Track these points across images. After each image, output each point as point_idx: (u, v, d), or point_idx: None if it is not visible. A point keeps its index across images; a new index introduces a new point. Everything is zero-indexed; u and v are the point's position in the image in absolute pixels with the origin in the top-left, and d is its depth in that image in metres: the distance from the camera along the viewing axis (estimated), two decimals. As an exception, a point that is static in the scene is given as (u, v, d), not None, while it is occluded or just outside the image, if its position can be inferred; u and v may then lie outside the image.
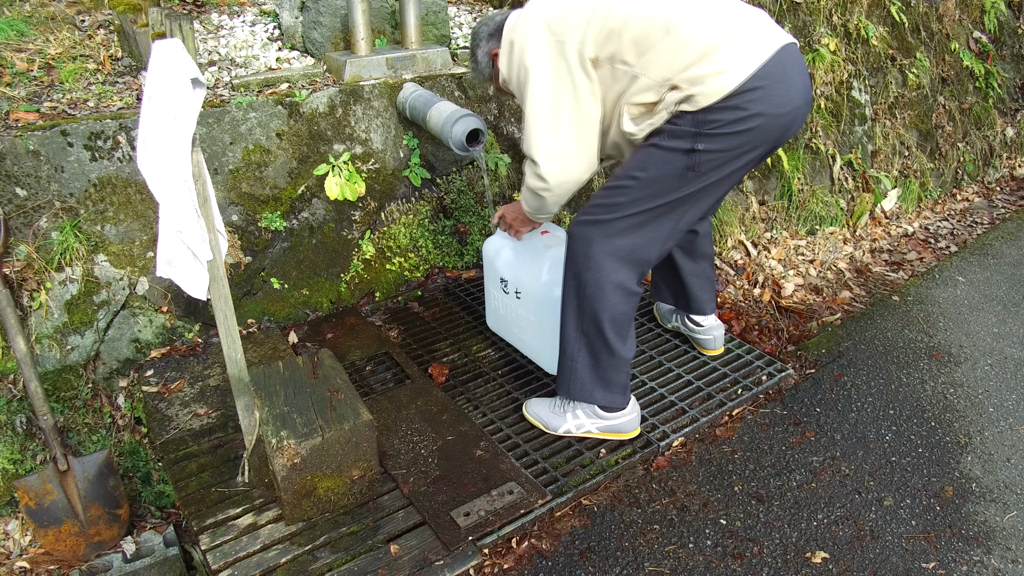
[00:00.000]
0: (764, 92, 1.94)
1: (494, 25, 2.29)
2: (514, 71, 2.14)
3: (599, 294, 2.11)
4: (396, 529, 2.05)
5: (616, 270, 2.09)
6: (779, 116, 1.99)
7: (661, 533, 2.08)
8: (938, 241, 4.29)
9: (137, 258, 2.66)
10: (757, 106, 1.94)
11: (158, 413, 2.46)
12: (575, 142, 2.10)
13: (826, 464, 2.32)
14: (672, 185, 2.03)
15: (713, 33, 1.93)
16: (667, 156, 2.00)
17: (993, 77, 5.39)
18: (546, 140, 2.09)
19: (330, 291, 3.02)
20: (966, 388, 2.65)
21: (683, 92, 1.92)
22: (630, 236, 2.08)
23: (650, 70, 1.97)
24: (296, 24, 3.38)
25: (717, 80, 1.90)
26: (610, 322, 2.14)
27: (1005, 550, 2.02)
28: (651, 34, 1.96)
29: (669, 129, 1.99)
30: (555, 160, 2.11)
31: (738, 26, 1.96)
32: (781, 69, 1.96)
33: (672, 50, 1.93)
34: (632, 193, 2.04)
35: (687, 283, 2.65)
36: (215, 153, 2.76)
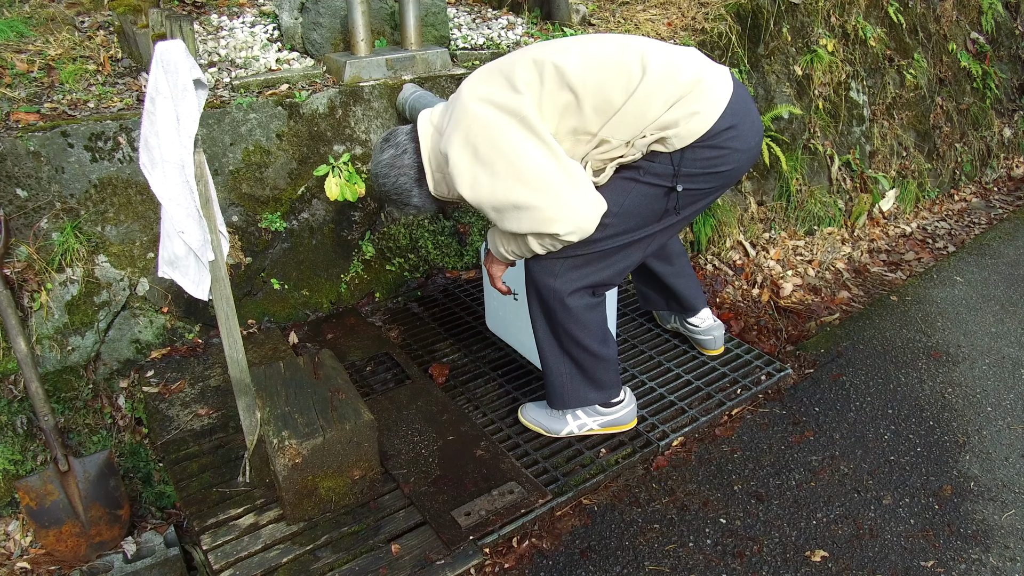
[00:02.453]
0: (737, 130, 1.96)
1: (413, 168, 2.07)
2: (481, 172, 1.88)
3: (570, 318, 2.10)
4: (397, 529, 2.06)
5: (581, 295, 2.09)
6: (750, 150, 2.03)
7: (661, 532, 2.09)
8: (936, 241, 4.30)
9: (138, 259, 2.66)
10: (734, 143, 1.96)
11: (159, 413, 2.47)
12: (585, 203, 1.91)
13: (825, 463, 2.33)
14: (647, 220, 2.03)
15: (675, 80, 1.89)
16: (646, 191, 1.98)
17: (991, 78, 5.41)
18: (560, 211, 1.89)
19: (330, 291, 3.02)
20: (964, 387, 2.67)
21: (655, 136, 1.90)
22: (597, 264, 2.06)
23: (618, 132, 1.92)
24: (296, 25, 3.38)
25: (692, 122, 1.89)
26: (591, 335, 2.15)
27: (1003, 548, 2.03)
28: (613, 99, 1.89)
29: (647, 165, 1.96)
30: (572, 222, 1.91)
31: (696, 66, 1.94)
32: (743, 104, 1.98)
33: (638, 109, 1.88)
34: (609, 229, 2.00)
35: (671, 285, 2.64)
36: (215, 154, 2.76)
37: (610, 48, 1.95)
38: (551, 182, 1.87)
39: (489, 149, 1.86)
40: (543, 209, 1.88)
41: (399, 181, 2.09)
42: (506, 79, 1.90)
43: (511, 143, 1.86)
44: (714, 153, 1.95)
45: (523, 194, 1.87)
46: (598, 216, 1.95)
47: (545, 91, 1.88)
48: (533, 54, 1.94)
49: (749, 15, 3.97)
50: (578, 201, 1.90)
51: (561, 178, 1.88)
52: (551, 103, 1.89)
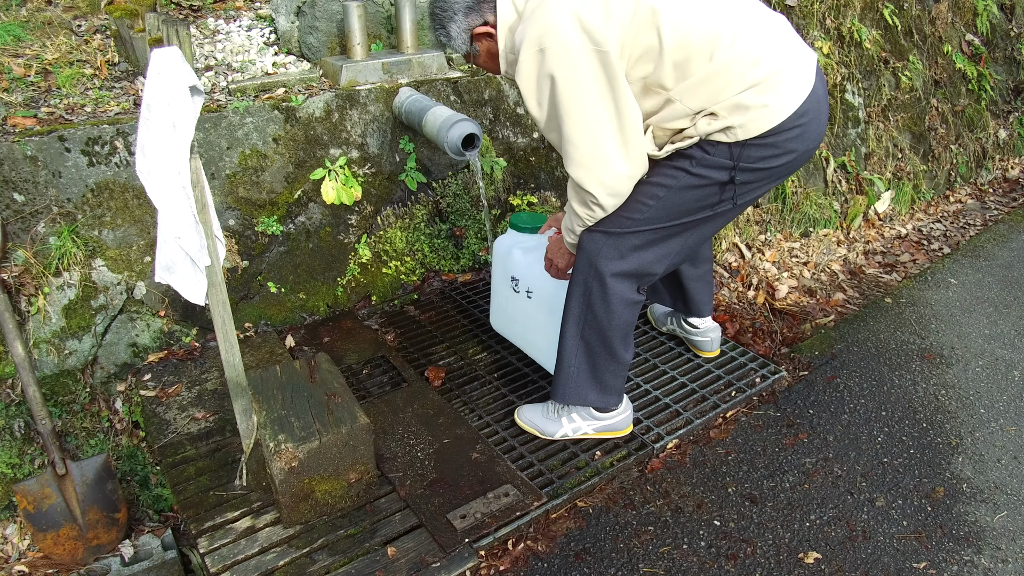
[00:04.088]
0: (802, 130, 1.91)
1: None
2: (542, 82, 1.86)
3: (605, 305, 2.11)
4: (393, 531, 2.07)
5: (621, 282, 2.08)
6: (808, 151, 1.99)
7: (656, 534, 2.10)
8: (931, 243, 4.32)
9: (135, 263, 2.67)
10: (793, 144, 1.92)
11: (156, 417, 2.48)
12: (623, 160, 1.90)
13: (819, 465, 2.34)
14: (693, 209, 2.00)
15: (760, 63, 1.83)
16: (696, 182, 1.95)
17: (986, 79, 5.43)
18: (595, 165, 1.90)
19: (327, 295, 3.03)
20: (957, 389, 2.68)
21: (720, 122, 1.85)
22: (639, 252, 2.05)
23: (687, 98, 1.86)
24: (292, 29, 3.39)
25: (761, 114, 1.84)
26: (616, 331, 2.15)
27: (995, 550, 2.05)
28: (694, 60, 1.82)
29: (700, 156, 1.92)
30: (606, 184, 1.93)
31: (783, 54, 1.87)
32: (817, 103, 1.92)
33: (716, 79, 1.82)
34: (649, 212, 1.99)
35: (688, 287, 2.65)
36: (212, 158, 2.77)
37: (710, 3, 1.85)
38: (595, 128, 1.85)
39: (556, 66, 1.81)
40: (579, 150, 1.87)
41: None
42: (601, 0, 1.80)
43: (577, 72, 1.81)
44: (769, 151, 1.91)
45: (566, 128, 1.86)
46: (630, 180, 1.94)
47: (632, 28, 1.80)
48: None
49: (744, 18, 3.98)
50: (614, 156, 1.88)
51: (608, 126, 1.85)
52: (634, 42, 1.82)
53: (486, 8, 1.98)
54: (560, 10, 1.80)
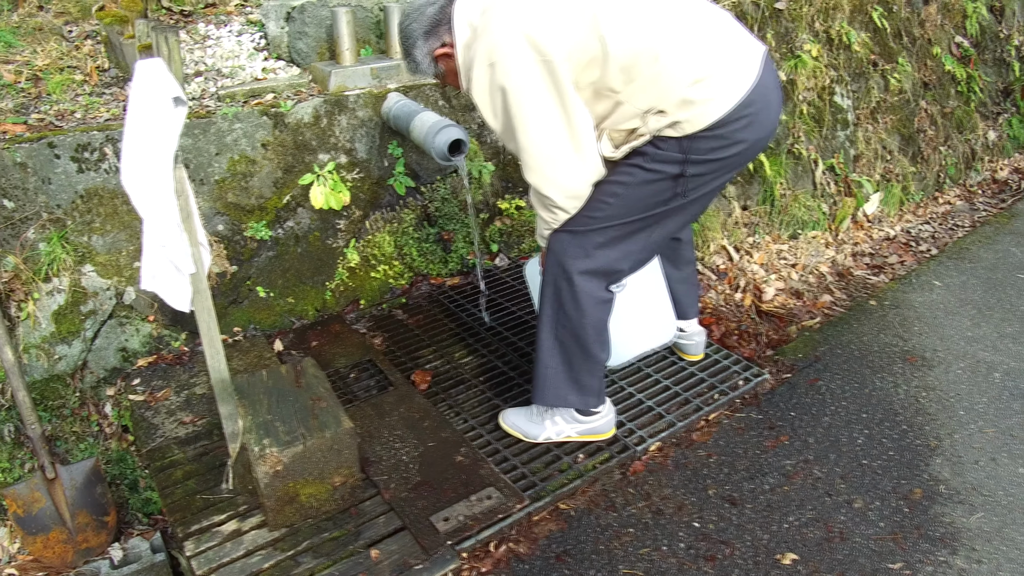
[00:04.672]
0: (749, 119, 1.97)
1: (428, 21, 2.08)
2: (495, 95, 1.96)
3: (575, 304, 2.16)
4: (377, 534, 2.10)
5: (589, 281, 2.13)
6: (760, 140, 2.04)
7: (636, 536, 2.13)
8: (919, 244, 4.35)
9: (124, 268, 2.70)
10: (742, 134, 1.97)
11: (144, 421, 2.51)
12: (577, 162, 2.00)
13: (799, 467, 2.37)
14: (652, 204, 2.06)
15: (703, 59, 1.91)
16: (652, 177, 2.01)
17: (975, 81, 5.46)
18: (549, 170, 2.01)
19: (315, 299, 3.06)
20: (938, 391, 2.71)
21: (668, 118, 1.92)
22: (604, 249, 2.11)
23: (636, 99, 1.94)
24: (282, 34, 3.42)
25: (706, 108, 1.91)
26: (589, 330, 2.19)
27: (970, 551, 2.08)
28: (639, 62, 1.90)
29: (653, 152, 1.99)
30: (563, 188, 2.03)
31: (726, 48, 1.95)
32: (764, 93, 1.98)
33: (662, 78, 1.90)
34: (610, 209, 2.06)
35: (673, 290, 2.69)
36: (201, 164, 2.80)
37: (651, 7, 1.93)
38: (547, 134, 1.94)
39: (505, 78, 1.90)
40: (534, 156, 1.98)
41: (412, 26, 2.10)
42: (546, 12, 1.89)
43: (525, 82, 1.90)
44: (719, 143, 1.97)
45: (520, 136, 1.96)
46: (585, 181, 2.03)
47: (578, 36, 1.89)
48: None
49: (733, 21, 4.01)
50: (568, 159, 1.98)
51: (560, 132, 1.94)
52: (579, 50, 1.90)
53: (443, 30, 2.07)
54: (507, 25, 1.89)
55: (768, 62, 2.01)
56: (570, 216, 2.10)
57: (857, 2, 4.72)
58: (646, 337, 2.66)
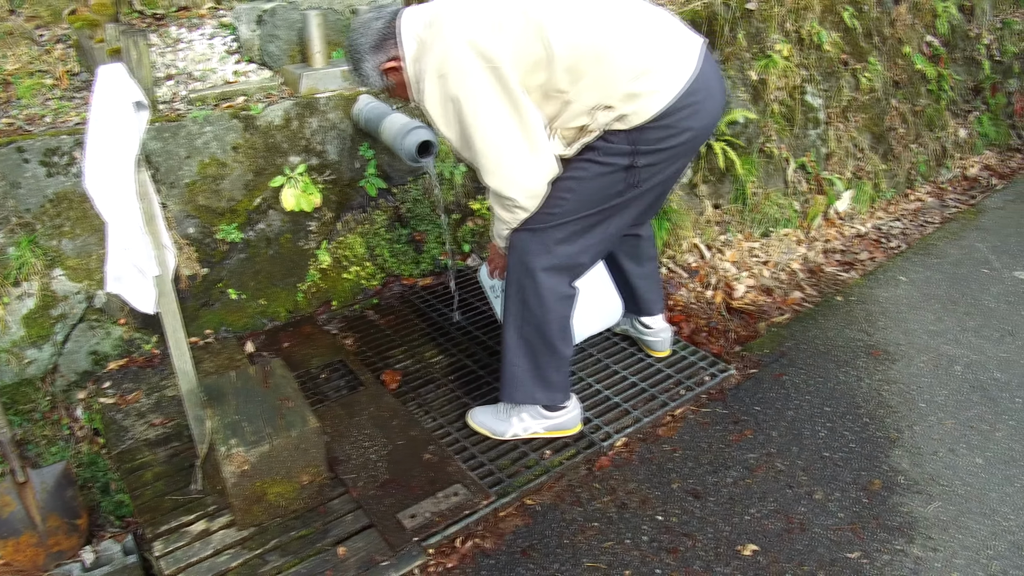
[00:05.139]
0: (694, 108, 2.03)
1: (375, 35, 2.10)
2: (447, 105, 2.01)
3: (538, 301, 2.20)
4: (344, 532, 2.12)
5: (551, 276, 2.18)
6: (706, 127, 2.11)
7: (600, 530, 2.17)
8: (890, 241, 4.41)
9: (94, 271, 2.71)
10: (688, 122, 2.04)
11: (115, 424, 2.52)
12: (533, 161, 2.05)
13: (762, 460, 2.41)
14: (607, 196, 2.12)
15: (644, 53, 1.98)
16: (604, 170, 2.07)
17: (945, 80, 5.53)
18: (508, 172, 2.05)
19: (287, 300, 3.08)
20: (900, 385, 2.76)
21: (615, 112, 1.99)
22: (564, 244, 2.16)
23: (583, 96, 1.99)
24: (254, 37, 3.43)
25: (650, 100, 1.97)
26: (553, 325, 2.24)
27: (927, 539, 2.12)
28: (583, 62, 1.96)
29: (603, 146, 2.05)
30: (523, 188, 2.08)
31: (666, 42, 2.02)
32: (706, 82, 2.05)
33: (606, 75, 1.96)
34: (567, 205, 2.11)
35: (636, 286, 2.74)
36: (171, 167, 2.82)
37: (591, 8, 2.00)
38: (501, 137, 2.00)
39: (456, 88, 1.96)
40: (491, 160, 2.03)
41: (359, 40, 2.13)
42: (490, 21, 1.96)
43: (476, 90, 1.96)
44: (666, 132, 2.03)
45: (476, 142, 2.01)
46: (542, 179, 2.08)
47: (523, 42, 1.95)
48: (523, 2, 1.98)
49: (704, 21, 4.06)
50: (524, 159, 2.03)
51: (514, 134, 2.00)
52: (525, 54, 1.96)
53: (390, 45, 2.11)
54: (453, 35, 1.96)
55: (707, 53, 2.08)
56: (529, 215, 2.15)
57: (828, 2, 4.78)
58: (593, 320, 2.71)
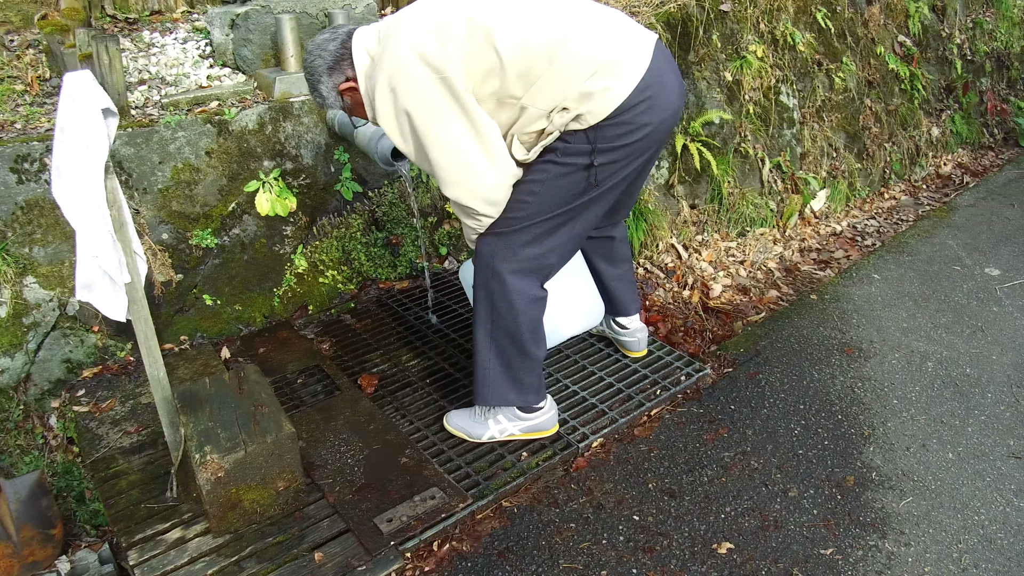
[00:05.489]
0: (650, 103, 2.04)
1: (330, 56, 2.10)
2: (400, 118, 2.01)
3: (507, 304, 2.20)
4: (321, 537, 2.12)
5: (520, 279, 2.19)
6: (664, 121, 2.11)
7: (577, 531, 2.17)
8: (865, 239, 4.46)
9: (67, 279, 2.69)
10: (644, 117, 2.04)
11: (89, 432, 2.50)
12: (491, 169, 2.06)
13: (737, 459, 2.43)
14: (569, 197, 2.12)
15: (595, 52, 1.98)
16: (564, 171, 2.08)
17: (918, 79, 5.60)
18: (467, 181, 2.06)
19: (263, 306, 3.07)
20: (873, 382, 2.79)
21: (571, 113, 1.99)
22: (531, 246, 2.16)
23: (538, 101, 2.00)
24: (227, 41, 3.42)
25: (604, 97, 1.98)
26: (524, 328, 2.24)
27: (899, 534, 2.15)
28: (535, 66, 1.96)
29: (563, 147, 2.06)
30: (483, 196, 2.09)
31: (617, 39, 2.02)
32: (659, 76, 2.06)
33: (559, 77, 1.96)
34: (530, 208, 2.12)
35: (611, 287, 2.76)
36: (144, 173, 2.80)
37: (541, 11, 2.00)
38: (456, 146, 2.00)
39: (407, 101, 1.96)
40: (448, 170, 2.04)
41: (315, 62, 2.13)
42: (438, 31, 1.95)
43: (427, 101, 1.96)
44: (624, 128, 2.04)
45: (432, 153, 2.01)
46: (502, 185, 2.09)
47: (472, 50, 1.95)
48: (469, 9, 1.98)
49: (679, 23, 4.08)
50: (481, 167, 2.04)
51: (469, 143, 2.00)
52: (475, 62, 1.96)
53: (346, 65, 2.11)
54: (401, 48, 1.95)
55: (661, 49, 2.09)
56: (494, 219, 2.16)
57: (801, 3, 4.83)
58: (574, 321, 2.72)
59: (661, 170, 4.01)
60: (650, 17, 4.07)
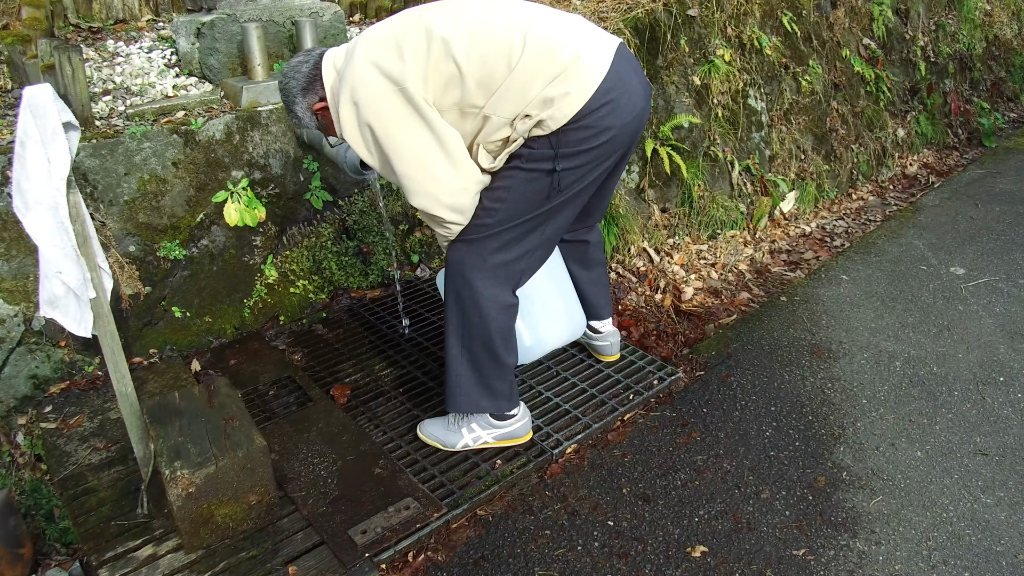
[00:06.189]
0: (612, 106, 2.04)
1: (304, 77, 2.14)
2: (364, 131, 2.03)
3: (478, 311, 2.20)
4: (295, 551, 2.10)
5: (490, 286, 2.19)
6: (627, 124, 2.10)
7: (552, 538, 2.18)
8: (834, 240, 4.51)
9: (32, 294, 2.64)
10: (607, 120, 2.04)
11: (57, 449, 2.46)
12: (455, 177, 2.07)
13: (710, 462, 2.45)
14: (536, 203, 2.13)
15: (555, 57, 1.97)
16: (530, 177, 2.09)
17: (883, 81, 5.69)
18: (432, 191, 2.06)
19: (233, 317, 3.04)
20: (843, 382, 2.83)
21: (533, 119, 1.99)
22: (501, 252, 2.17)
23: (500, 109, 2.00)
24: (193, 50, 3.39)
25: (564, 102, 1.97)
26: (495, 335, 2.24)
27: (870, 533, 2.18)
28: (494, 74, 1.97)
29: (527, 153, 2.07)
30: (448, 205, 2.09)
31: (575, 43, 2.01)
32: (622, 80, 2.05)
33: (518, 84, 1.97)
34: (499, 215, 2.12)
35: (584, 291, 2.76)
36: (109, 184, 2.76)
37: (498, 19, 2.01)
38: (420, 156, 2.01)
39: (369, 113, 1.98)
40: (414, 180, 2.05)
41: (289, 84, 2.17)
42: (396, 44, 1.98)
43: (388, 113, 1.98)
44: (587, 133, 2.03)
45: (396, 164, 2.03)
46: (467, 193, 2.09)
47: (431, 61, 1.96)
48: (426, 21, 2.00)
49: (647, 28, 4.11)
50: (446, 176, 2.04)
51: (431, 153, 2.01)
52: (435, 73, 1.97)
53: (318, 85, 2.15)
54: (361, 62, 1.99)
55: (623, 52, 2.09)
56: (463, 227, 2.16)
57: (767, 7, 4.88)
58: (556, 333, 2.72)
59: (632, 174, 4.04)
60: (618, 23, 4.09)
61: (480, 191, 2.14)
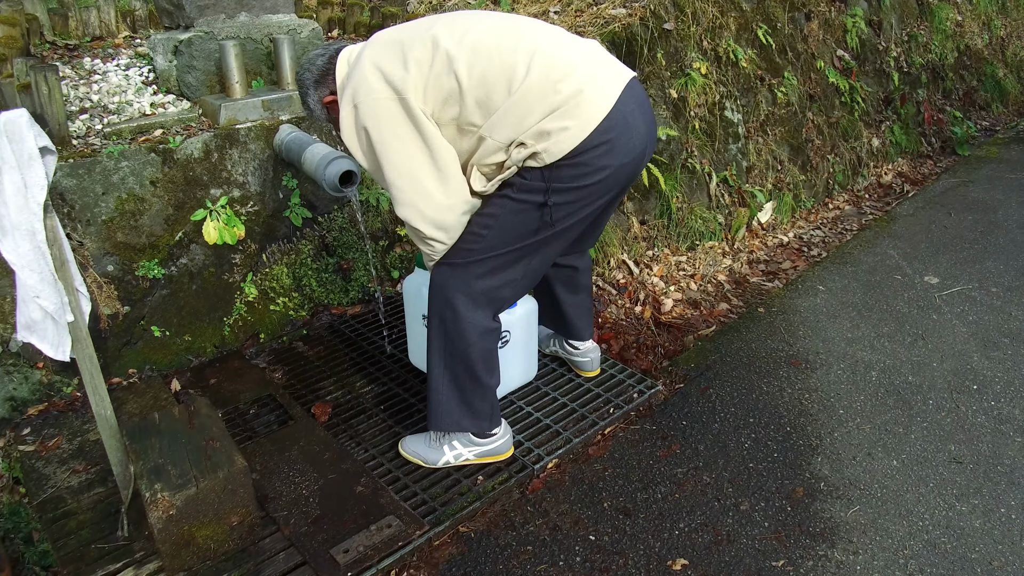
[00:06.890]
0: (609, 146, 1.99)
1: (317, 70, 2.19)
2: (360, 134, 2.04)
3: (460, 335, 2.21)
4: (277, 571, 2.09)
5: (473, 311, 2.18)
6: (625, 165, 2.07)
7: (534, 553, 2.19)
8: (811, 249, 4.57)
9: (8, 315, 2.63)
10: (602, 160, 2.00)
11: (35, 472, 2.44)
12: (443, 193, 2.05)
13: (689, 474, 2.47)
14: (523, 234, 2.11)
15: (558, 88, 1.92)
16: (520, 207, 2.06)
17: (857, 92, 5.77)
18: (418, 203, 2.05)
19: (213, 336, 3.03)
20: (820, 392, 2.87)
21: (528, 149, 1.96)
22: (485, 279, 2.16)
23: (496, 132, 1.97)
24: (171, 68, 3.38)
25: (561, 137, 1.93)
26: (476, 358, 2.25)
27: (848, 543, 2.20)
28: (494, 95, 1.94)
29: (519, 182, 2.04)
30: (432, 220, 2.07)
31: (581, 76, 1.95)
32: (624, 119, 2.00)
33: (517, 111, 1.93)
34: (485, 241, 2.11)
35: (566, 313, 2.77)
36: (87, 204, 2.75)
37: (505, 39, 1.98)
38: (410, 168, 2.01)
39: (366, 118, 2.00)
40: (401, 190, 2.05)
41: (304, 76, 2.22)
42: (402, 52, 1.98)
43: (385, 121, 1.98)
44: (581, 171, 2.00)
45: (386, 172, 2.03)
46: (452, 211, 2.08)
47: (432, 74, 1.96)
48: (435, 31, 1.99)
49: (624, 42, 4.15)
50: (434, 190, 2.04)
51: (422, 165, 2.02)
52: (436, 86, 1.97)
53: (330, 79, 2.18)
54: (366, 66, 2.00)
55: (634, 88, 2.05)
56: (448, 248, 2.16)
57: (743, 21, 4.95)
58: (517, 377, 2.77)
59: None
60: (595, 36, 4.13)
61: (468, 213, 2.12)
